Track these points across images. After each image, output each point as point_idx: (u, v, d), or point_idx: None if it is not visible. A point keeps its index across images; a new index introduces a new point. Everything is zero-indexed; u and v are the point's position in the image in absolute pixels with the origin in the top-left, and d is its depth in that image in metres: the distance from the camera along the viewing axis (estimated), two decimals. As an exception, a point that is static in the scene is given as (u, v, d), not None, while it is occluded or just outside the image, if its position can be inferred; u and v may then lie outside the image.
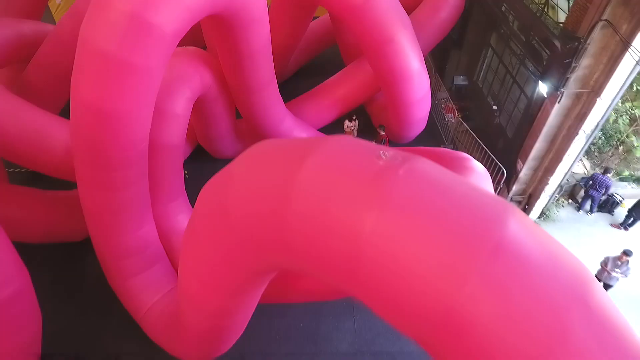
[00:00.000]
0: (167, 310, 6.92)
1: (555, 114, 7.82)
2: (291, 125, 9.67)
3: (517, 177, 9.11)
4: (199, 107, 8.38)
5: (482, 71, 12.72)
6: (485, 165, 10.17)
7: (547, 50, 8.69)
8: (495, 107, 11.57)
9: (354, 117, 10.48)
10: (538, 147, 8.43)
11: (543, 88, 7.80)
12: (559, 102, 7.59)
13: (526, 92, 9.90)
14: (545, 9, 9.11)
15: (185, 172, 10.73)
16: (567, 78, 7.25)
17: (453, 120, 12.64)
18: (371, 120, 11.98)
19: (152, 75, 5.02)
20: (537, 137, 8.27)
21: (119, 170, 5.85)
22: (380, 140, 10.05)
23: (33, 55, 9.18)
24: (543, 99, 8.07)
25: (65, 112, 6.64)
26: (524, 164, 8.83)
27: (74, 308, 7.79)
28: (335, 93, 10.35)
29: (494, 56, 11.83)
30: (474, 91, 12.95)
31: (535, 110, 8.39)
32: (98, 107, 4.96)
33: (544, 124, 8.01)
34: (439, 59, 14.08)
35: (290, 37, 9.88)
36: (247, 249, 3.07)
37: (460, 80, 13.18)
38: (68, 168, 6.64)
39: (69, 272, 8.37)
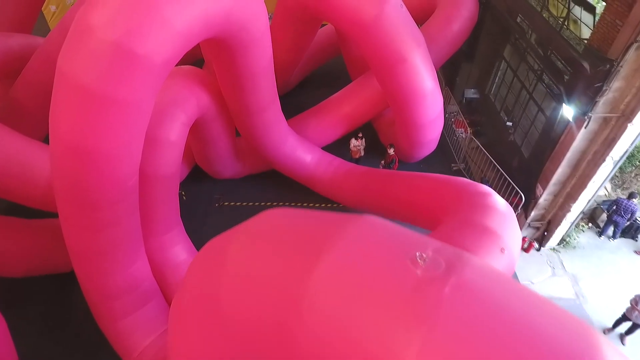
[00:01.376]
0: (161, 355, 6.37)
1: (580, 138, 7.23)
2: (294, 146, 9.10)
3: (536, 202, 8.52)
4: (196, 128, 7.82)
5: (495, 84, 12.15)
6: (499, 186, 9.64)
7: (569, 68, 8.12)
8: (509, 124, 10.99)
9: (360, 135, 9.90)
10: (560, 172, 7.84)
11: (568, 111, 7.21)
12: (585, 127, 7.00)
13: (544, 110, 9.33)
14: (566, 23, 8.52)
15: (182, 192, 10.19)
16: (596, 102, 6.66)
17: (464, 136, 12.06)
18: (378, 135, 11.42)
19: (141, 109, 4.46)
20: (559, 162, 7.68)
21: (105, 210, 5.29)
22: (389, 161, 9.48)
23: (21, 70, 8.65)
24: (567, 121, 7.48)
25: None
26: (544, 189, 8.24)
27: (61, 348, 7.22)
28: (341, 110, 9.77)
29: (507, 69, 11.24)
30: (485, 105, 12.36)
31: (557, 133, 7.80)
32: (80, 146, 4.40)
33: (567, 148, 7.42)
34: (448, 71, 13.49)
35: (293, 52, 9.31)
36: (242, 352, 2.48)
37: (471, 94, 12.60)
38: (53, 200, 6.10)
39: (56, 306, 7.81)
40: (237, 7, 4.96)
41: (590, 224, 9.71)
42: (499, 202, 5.58)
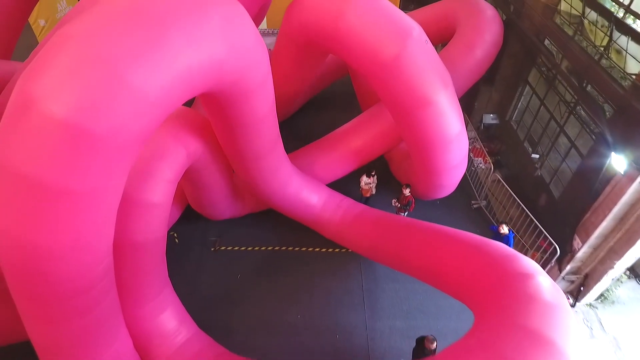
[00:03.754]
0: None
1: (632, 191, 6.23)
2: (298, 187, 8.11)
3: (573, 256, 7.51)
4: (188, 174, 6.85)
5: (517, 110, 11.15)
6: (525, 226, 8.63)
7: (612, 105, 7.13)
8: (535, 156, 9.99)
9: (373, 173, 8.90)
10: (604, 225, 6.84)
11: (618, 162, 6.21)
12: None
13: (579, 147, 8.33)
14: (607, 52, 7.52)
15: (174, 234, 9.23)
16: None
17: (483, 166, 11.07)
18: (389, 167, 10.43)
19: (104, 197, 3.48)
20: (604, 215, 6.69)
21: (71, 300, 4.32)
22: (405, 202, 8.48)
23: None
24: (613, 171, 6.49)
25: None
26: (583, 242, 7.24)
27: None
28: (351, 144, 8.77)
29: (533, 96, 10.25)
30: (506, 132, 11.37)
31: (599, 180, 6.81)
32: (29, 243, 3.43)
33: (615, 203, 6.43)
34: (466, 94, 12.46)
35: (296, 84, 8.32)
36: None
37: (490, 119, 11.62)
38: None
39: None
40: (232, 57, 3.99)
41: (629, 273, 8.70)
42: (546, 288, 4.60)
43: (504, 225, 7.42)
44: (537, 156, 9.96)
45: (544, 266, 8.09)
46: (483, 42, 8.53)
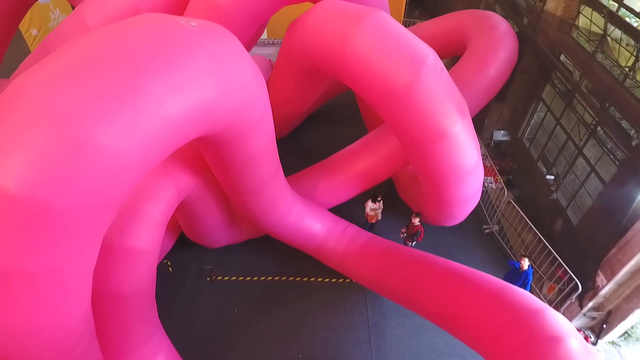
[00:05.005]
0: None
1: (664, 231, 5.70)
2: (300, 215, 7.58)
3: (595, 293, 6.97)
4: (181, 206, 6.32)
5: (529, 127, 10.61)
6: (538, 255, 8.10)
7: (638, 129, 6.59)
8: (550, 177, 9.45)
9: (379, 198, 8.36)
10: (632, 263, 6.29)
11: (651, 199, 5.68)
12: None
13: (600, 173, 7.78)
14: (633, 73, 6.99)
15: (168, 262, 8.70)
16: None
17: (493, 186, 10.54)
18: (395, 188, 9.90)
19: (68, 275, 2.95)
20: (632, 254, 6.16)
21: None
22: (413, 232, 7.94)
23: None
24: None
25: None
26: (608, 280, 6.70)
27: None
28: (355, 167, 8.22)
29: (547, 113, 9.71)
30: (518, 150, 10.83)
31: (630, 220, 6.27)
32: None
33: (646, 241, 5.89)
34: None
35: (296, 105, 7.78)
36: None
37: (500, 136, 11.08)
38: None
39: None
40: (224, 99, 3.46)
41: (653, 307, 8.13)
42: (579, 354, 4.07)
43: (526, 260, 6.84)
44: (552, 177, 9.41)
45: (563, 301, 7.56)
46: (497, 60, 8.00)
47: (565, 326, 4.47)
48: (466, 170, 5.84)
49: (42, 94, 2.44)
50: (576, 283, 7.10)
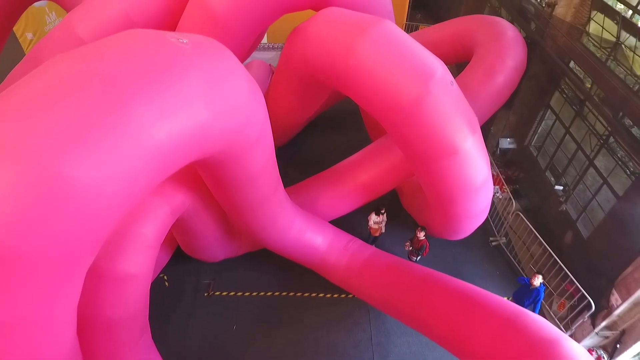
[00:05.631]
0: None
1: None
2: (301, 229, 7.29)
3: (609, 313, 6.68)
4: (177, 223, 6.04)
5: (536, 135, 10.32)
6: (548, 271, 7.79)
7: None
8: (559, 187, 9.16)
9: (382, 211, 8.07)
10: (649, 283, 6.01)
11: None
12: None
13: (613, 185, 7.49)
14: (648, 83, 6.70)
15: (164, 276, 8.40)
16: None
17: (500, 196, 10.23)
18: (399, 198, 9.61)
19: (41, 326, 2.65)
20: (650, 273, 5.85)
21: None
22: (418, 246, 7.65)
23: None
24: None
25: None
26: (623, 300, 6.40)
27: None
28: (358, 178, 7.93)
29: (556, 122, 9.42)
30: (525, 158, 10.53)
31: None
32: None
33: (665, 261, 5.59)
34: (480, 116, 11.66)
35: (297, 114, 7.49)
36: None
37: (506, 143, 10.79)
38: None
39: None
40: (219, 121, 3.18)
41: (667, 324, 7.83)
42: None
43: (539, 277, 6.54)
44: (561, 188, 9.12)
45: (574, 319, 7.27)
46: (505, 68, 7.71)
47: (583, 359, 4.19)
48: (476, 186, 5.55)
49: (4, 125, 2.15)
50: (589, 301, 6.81)
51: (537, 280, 6.58)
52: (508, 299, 7.94)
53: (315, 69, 5.37)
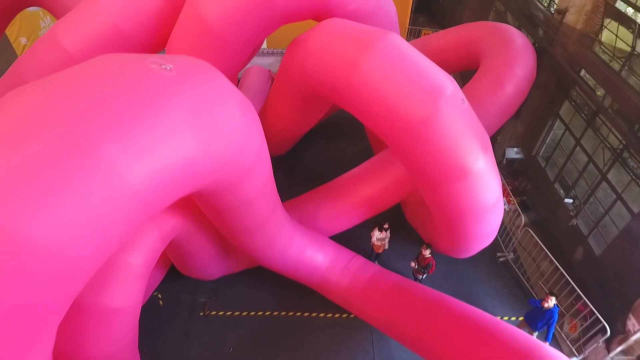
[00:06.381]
0: None
1: None
2: (301, 247, 6.96)
3: (626, 338, 6.34)
4: (170, 244, 5.70)
5: (544, 145, 9.99)
6: (559, 290, 7.45)
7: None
8: (568, 200, 8.82)
9: (385, 226, 7.74)
10: (669, 309, 5.67)
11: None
12: None
13: (628, 202, 7.15)
14: (667, 95, 6.36)
15: (158, 294, 8.06)
16: None
17: (506, 207, 9.89)
18: (403, 211, 9.26)
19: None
20: (671, 300, 5.52)
21: None
22: (424, 264, 7.32)
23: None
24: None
25: None
26: (641, 325, 6.06)
27: None
28: (360, 192, 7.59)
29: (566, 132, 9.09)
30: (532, 168, 10.20)
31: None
32: None
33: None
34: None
35: (297, 126, 7.15)
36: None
37: (513, 153, 10.45)
38: None
39: None
40: (207, 153, 2.84)
41: (684, 346, 7.49)
42: None
43: (552, 298, 6.19)
44: (571, 201, 8.79)
45: (587, 342, 6.92)
46: (514, 77, 7.37)
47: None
48: (487, 208, 5.21)
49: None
50: (604, 325, 6.46)
51: (551, 302, 6.24)
52: (519, 319, 7.62)
53: (315, 84, 5.03)
